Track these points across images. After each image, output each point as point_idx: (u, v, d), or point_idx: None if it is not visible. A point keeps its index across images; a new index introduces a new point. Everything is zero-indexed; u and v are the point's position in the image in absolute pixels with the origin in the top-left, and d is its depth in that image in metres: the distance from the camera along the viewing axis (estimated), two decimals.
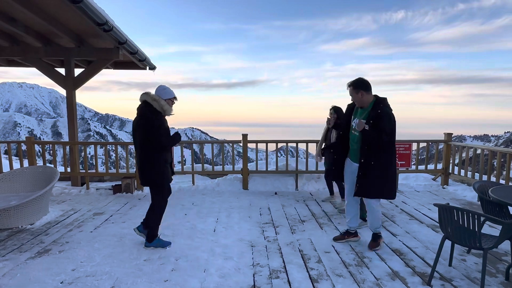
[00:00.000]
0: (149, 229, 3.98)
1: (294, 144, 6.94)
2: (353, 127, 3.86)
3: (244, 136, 6.67)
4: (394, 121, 3.72)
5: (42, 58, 6.70)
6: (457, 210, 2.90)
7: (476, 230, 2.84)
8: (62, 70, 6.87)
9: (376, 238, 3.99)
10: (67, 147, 6.88)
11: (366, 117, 3.71)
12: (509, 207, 3.44)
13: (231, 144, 7.17)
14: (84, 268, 3.45)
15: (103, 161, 7.00)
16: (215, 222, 4.89)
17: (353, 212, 4.11)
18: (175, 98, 3.90)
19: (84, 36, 6.62)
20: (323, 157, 5.70)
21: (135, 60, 7.36)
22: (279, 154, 7.07)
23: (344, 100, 4.29)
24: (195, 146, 7.27)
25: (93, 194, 6.44)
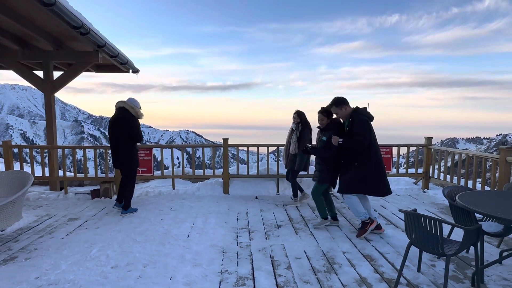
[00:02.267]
0: (125, 199, 5.41)
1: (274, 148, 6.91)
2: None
3: (225, 140, 6.64)
4: (367, 125, 4.20)
5: (20, 61, 6.62)
6: (419, 216, 2.89)
7: (438, 236, 2.84)
8: (41, 73, 6.79)
9: (363, 226, 4.42)
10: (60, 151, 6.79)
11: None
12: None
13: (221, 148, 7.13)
14: (48, 276, 3.38)
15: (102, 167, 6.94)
16: (190, 227, 4.84)
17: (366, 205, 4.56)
18: (140, 108, 5.47)
19: (63, 39, 6.55)
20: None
21: (116, 63, 7.30)
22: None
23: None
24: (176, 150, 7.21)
25: (71, 199, 6.35)
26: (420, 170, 7.06)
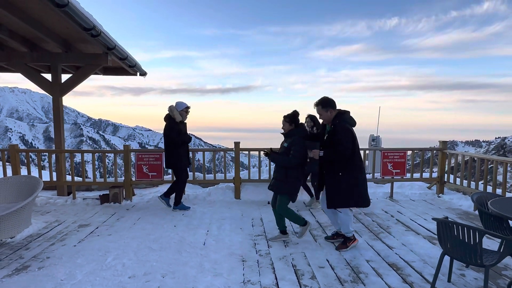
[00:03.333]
0: (175, 196, 5.77)
1: None
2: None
3: (236, 144, 6.52)
4: (350, 134, 3.89)
5: (28, 63, 6.50)
6: (457, 225, 2.77)
7: (478, 246, 2.71)
8: (49, 76, 6.67)
9: (346, 241, 4.15)
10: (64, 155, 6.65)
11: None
12: (509, 220, 3.32)
13: (223, 152, 7.01)
14: (64, 287, 3.24)
15: (101, 170, 6.80)
16: (205, 234, 4.71)
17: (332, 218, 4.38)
18: (188, 107, 5.70)
19: (72, 41, 6.44)
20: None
21: (124, 66, 7.19)
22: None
23: (339, 105, 4.15)
24: None
25: (79, 204, 6.21)
26: (434, 175, 6.94)
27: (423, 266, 3.71)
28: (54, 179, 6.58)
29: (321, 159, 3.99)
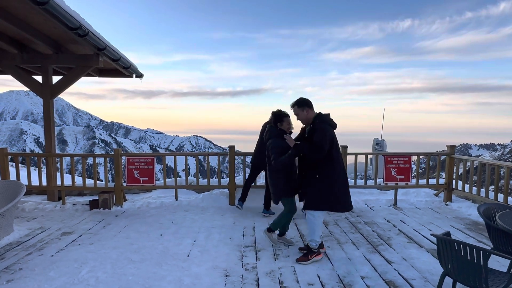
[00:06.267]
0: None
1: None
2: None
3: (231, 148, 6.23)
4: (329, 135, 3.74)
5: (19, 65, 6.35)
6: (458, 244, 2.42)
7: (483, 268, 2.36)
8: (40, 78, 6.51)
9: (309, 253, 3.88)
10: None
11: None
12: None
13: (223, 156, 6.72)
14: None
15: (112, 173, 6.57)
16: (191, 244, 4.42)
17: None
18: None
19: (62, 42, 6.27)
20: None
21: (118, 67, 7.00)
22: None
23: (349, 108, 4.10)
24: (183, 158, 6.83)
25: (68, 210, 6.01)
26: (441, 181, 6.53)
27: (423, 285, 3.35)
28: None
29: (294, 152, 3.86)
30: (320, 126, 3.77)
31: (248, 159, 6.02)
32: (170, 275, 3.54)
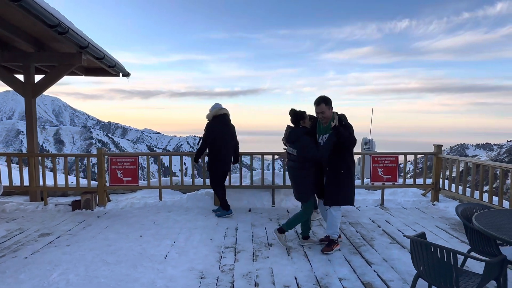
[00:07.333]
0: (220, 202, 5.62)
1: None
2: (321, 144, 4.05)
3: None
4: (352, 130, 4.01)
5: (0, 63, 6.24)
6: (427, 245, 2.36)
7: (453, 270, 2.29)
8: (22, 77, 6.40)
9: (331, 243, 4.10)
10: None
11: (330, 130, 3.92)
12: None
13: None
14: None
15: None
16: (170, 246, 4.34)
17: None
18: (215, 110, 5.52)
19: (44, 40, 6.17)
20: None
21: (103, 66, 6.90)
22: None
23: (348, 108, 4.33)
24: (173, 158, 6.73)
25: (49, 211, 5.91)
26: (429, 181, 6.47)
27: (401, 287, 3.28)
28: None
29: (337, 135, 3.82)
30: (348, 123, 3.98)
31: (245, 159, 5.99)
32: (144, 277, 3.47)
